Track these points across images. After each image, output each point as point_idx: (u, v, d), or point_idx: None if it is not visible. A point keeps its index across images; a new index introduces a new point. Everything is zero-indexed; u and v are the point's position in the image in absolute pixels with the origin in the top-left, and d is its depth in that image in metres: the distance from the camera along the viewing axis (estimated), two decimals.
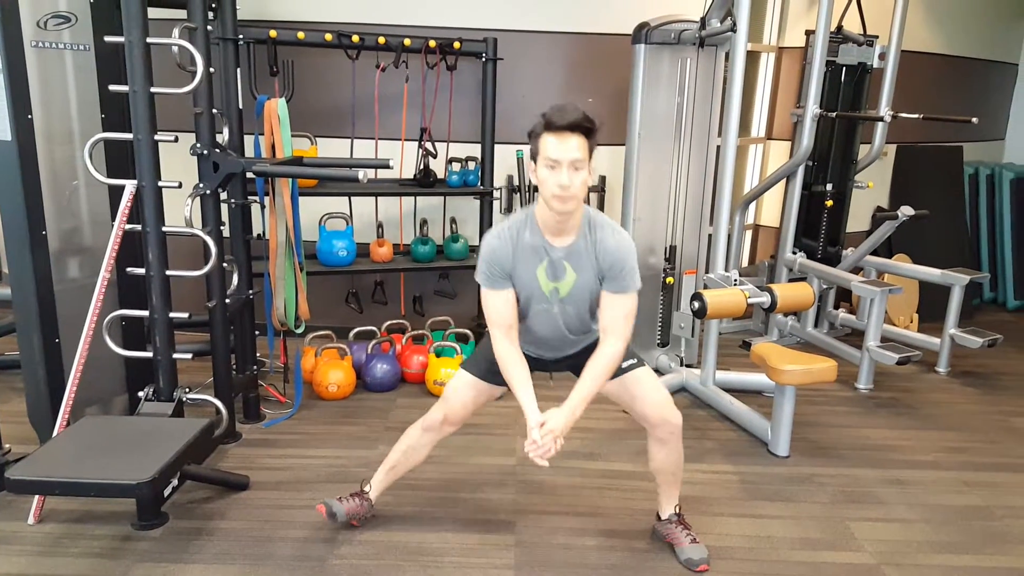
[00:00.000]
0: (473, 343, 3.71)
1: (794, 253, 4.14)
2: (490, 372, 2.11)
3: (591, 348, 2.04)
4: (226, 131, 2.86)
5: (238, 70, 3.01)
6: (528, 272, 1.98)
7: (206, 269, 2.49)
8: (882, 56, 3.92)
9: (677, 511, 2.27)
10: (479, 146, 3.65)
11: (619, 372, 2.08)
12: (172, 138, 2.32)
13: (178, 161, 2.63)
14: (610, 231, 1.96)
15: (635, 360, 2.13)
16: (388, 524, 2.36)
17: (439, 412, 2.19)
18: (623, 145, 3.59)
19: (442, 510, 2.46)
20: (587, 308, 2.05)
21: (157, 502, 2.33)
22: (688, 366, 3.65)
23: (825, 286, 4.18)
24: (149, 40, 2.23)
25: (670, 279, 3.69)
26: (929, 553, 2.31)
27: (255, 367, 3.12)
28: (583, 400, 1.95)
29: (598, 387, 1.98)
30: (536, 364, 2.17)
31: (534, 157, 1.88)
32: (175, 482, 2.34)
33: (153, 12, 2.31)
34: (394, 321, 3.80)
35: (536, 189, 1.91)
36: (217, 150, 2.59)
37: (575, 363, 2.12)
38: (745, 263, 4.70)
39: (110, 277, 2.44)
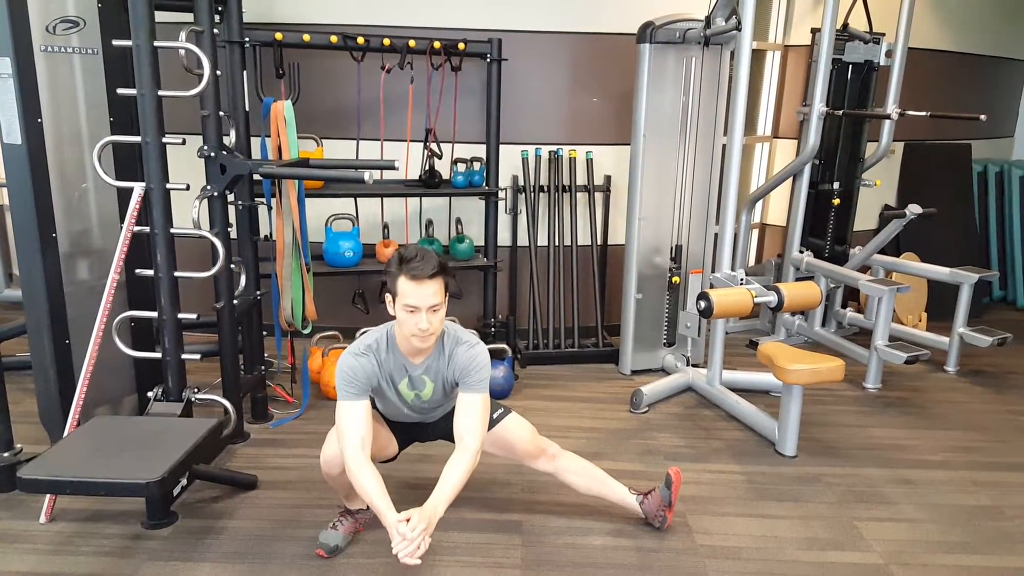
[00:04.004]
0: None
1: (801, 252, 4.13)
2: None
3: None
4: (233, 133, 2.88)
5: (244, 72, 3.02)
6: (391, 387, 2.13)
7: (214, 270, 2.50)
8: (888, 53, 3.90)
9: (634, 492, 2.36)
10: (484, 147, 3.65)
11: (491, 424, 2.20)
12: (180, 140, 2.34)
13: (186, 163, 2.65)
14: (464, 347, 2.09)
15: (503, 410, 2.28)
16: None
17: (326, 462, 2.16)
18: (628, 144, 3.59)
19: (448, 509, 2.44)
20: (445, 400, 2.20)
21: (166, 501, 2.34)
22: (694, 366, 3.65)
23: (832, 285, 4.16)
24: (156, 44, 2.24)
25: (676, 278, 3.69)
26: (938, 553, 2.30)
27: (263, 367, 3.14)
28: (444, 501, 1.95)
29: (458, 488, 1.98)
30: (418, 430, 2.32)
31: (391, 293, 1.97)
32: (184, 481, 2.35)
33: (160, 16, 2.33)
34: None
35: None
36: (224, 152, 2.60)
37: (446, 426, 2.20)
38: (752, 262, 4.69)
39: (119, 279, 2.46)
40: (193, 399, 2.52)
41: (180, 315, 2.45)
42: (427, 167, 3.63)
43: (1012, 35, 5.14)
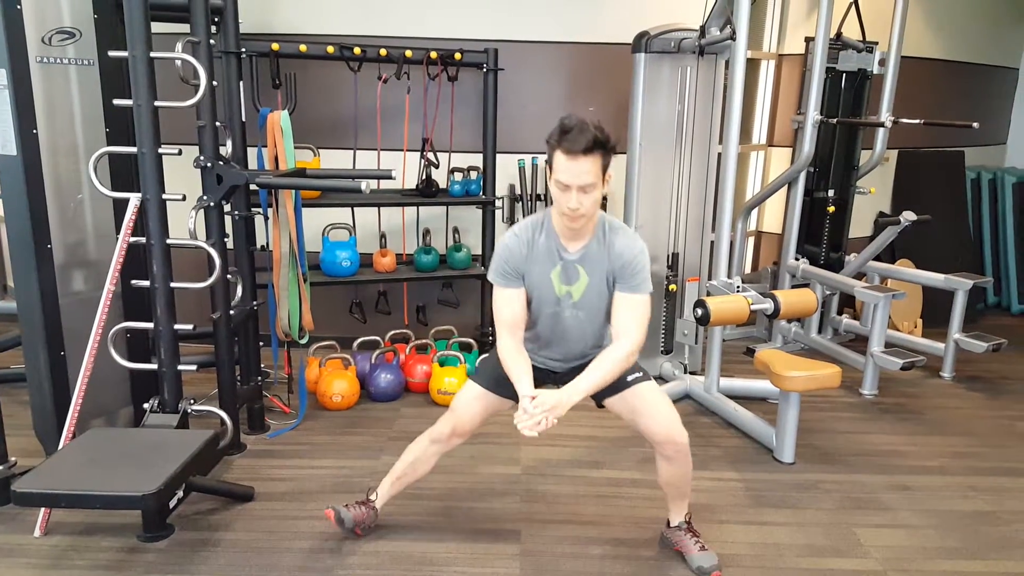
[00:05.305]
0: (476, 352, 3.72)
1: (797, 259, 4.14)
2: (499, 384, 2.10)
3: None
4: (229, 143, 2.88)
5: (241, 83, 3.03)
6: (542, 274, 2.00)
7: (210, 281, 2.50)
8: (882, 62, 3.93)
9: (687, 519, 2.27)
10: (480, 156, 3.66)
11: (624, 385, 2.07)
12: (176, 151, 2.34)
13: (182, 174, 2.65)
14: (624, 235, 1.99)
15: (640, 373, 2.11)
16: (393, 534, 2.36)
17: (447, 425, 2.17)
18: (624, 154, 3.60)
19: (447, 520, 2.46)
20: (600, 314, 2.05)
21: (162, 514, 2.33)
22: (692, 373, 3.65)
23: (828, 292, 4.17)
24: (152, 54, 2.25)
25: (673, 286, 3.69)
26: (936, 559, 2.30)
27: (259, 378, 3.13)
28: (582, 391, 1.93)
29: (601, 382, 1.96)
30: (547, 376, 2.18)
31: (549, 166, 1.88)
32: (180, 494, 2.34)
33: (156, 27, 2.32)
34: (397, 331, 3.81)
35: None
36: (221, 163, 2.60)
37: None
38: (748, 270, 4.70)
39: (115, 290, 2.45)
40: (189, 410, 2.50)
41: (176, 326, 2.44)
42: (424, 176, 3.63)
43: (1004, 43, 5.18)
